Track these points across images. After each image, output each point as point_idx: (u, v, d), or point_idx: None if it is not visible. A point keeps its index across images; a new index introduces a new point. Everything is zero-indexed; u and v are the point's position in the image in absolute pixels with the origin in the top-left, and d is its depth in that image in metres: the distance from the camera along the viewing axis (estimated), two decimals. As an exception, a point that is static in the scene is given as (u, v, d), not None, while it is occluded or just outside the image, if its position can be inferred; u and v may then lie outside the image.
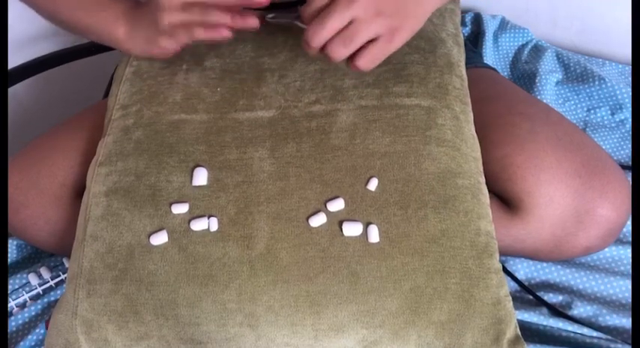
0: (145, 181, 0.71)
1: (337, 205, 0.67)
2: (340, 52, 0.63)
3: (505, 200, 0.78)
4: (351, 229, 0.66)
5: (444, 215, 0.66)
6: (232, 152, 0.71)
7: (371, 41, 0.63)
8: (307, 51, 0.65)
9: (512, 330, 0.65)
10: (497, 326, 0.64)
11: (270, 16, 0.69)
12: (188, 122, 0.74)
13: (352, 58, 0.64)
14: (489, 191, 0.72)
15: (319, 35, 0.62)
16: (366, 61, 0.64)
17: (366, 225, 0.66)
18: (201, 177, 0.70)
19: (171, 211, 0.68)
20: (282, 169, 0.70)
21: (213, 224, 0.67)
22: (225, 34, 0.68)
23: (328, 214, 0.67)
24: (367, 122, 0.71)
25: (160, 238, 0.67)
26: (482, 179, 0.72)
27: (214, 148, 0.72)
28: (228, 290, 0.65)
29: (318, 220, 0.67)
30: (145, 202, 0.69)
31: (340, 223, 0.66)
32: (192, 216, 0.68)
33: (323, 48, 0.63)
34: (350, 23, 0.61)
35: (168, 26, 0.69)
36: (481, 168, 0.72)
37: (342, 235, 0.66)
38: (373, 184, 0.68)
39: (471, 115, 0.76)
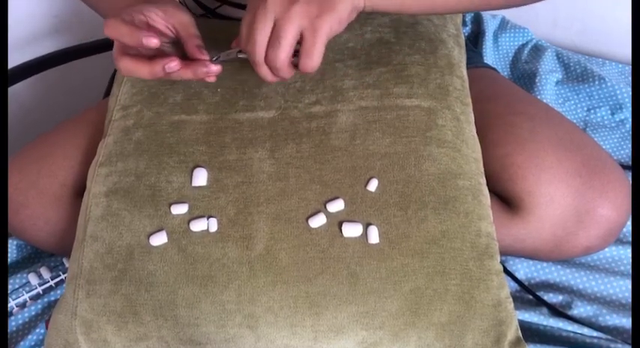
0: (144, 181, 0.71)
1: (337, 206, 0.67)
2: (278, 58, 0.61)
3: (505, 200, 0.78)
4: (351, 230, 0.66)
5: (444, 216, 0.66)
6: (232, 153, 0.71)
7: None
8: (261, 76, 0.64)
9: (513, 331, 0.65)
10: (498, 328, 0.64)
11: (215, 58, 0.68)
12: (188, 123, 0.74)
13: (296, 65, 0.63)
14: (489, 191, 0.72)
15: (253, 48, 0.61)
16: (305, 61, 0.62)
17: (366, 226, 0.66)
18: (200, 177, 0.70)
19: (170, 212, 0.68)
20: (282, 169, 0.70)
21: (213, 225, 0.67)
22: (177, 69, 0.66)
23: (328, 214, 0.67)
24: (367, 123, 0.71)
25: (159, 239, 0.67)
26: (483, 180, 0.72)
27: (214, 148, 0.72)
28: (228, 291, 0.65)
29: (317, 221, 0.67)
30: (145, 203, 0.69)
31: (340, 224, 0.66)
32: (192, 216, 0.68)
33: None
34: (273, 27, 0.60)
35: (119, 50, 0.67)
36: (482, 169, 0.72)
37: (342, 236, 0.66)
38: (373, 185, 0.68)
39: (472, 115, 0.76)
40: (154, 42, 0.62)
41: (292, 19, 0.59)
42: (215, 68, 0.66)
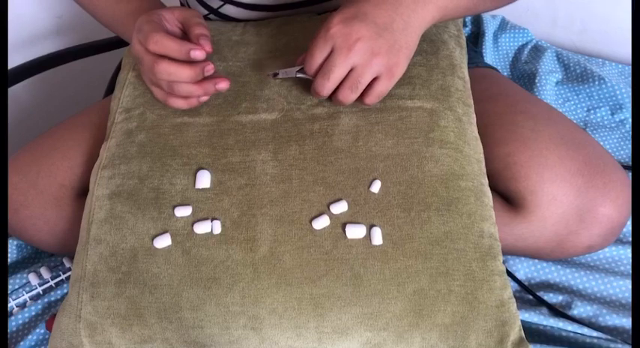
0: (148, 184, 0.71)
1: (340, 208, 0.67)
2: (349, 97, 0.68)
3: (508, 199, 0.78)
4: (355, 232, 0.66)
5: (447, 217, 0.67)
6: (235, 155, 0.71)
7: (375, 78, 0.67)
8: (317, 97, 0.70)
9: (516, 332, 0.65)
10: (501, 328, 0.64)
11: (273, 74, 0.73)
12: (191, 125, 0.74)
13: (361, 96, 0.69)
14: (492, 189, 0.73)
15: (326, 87, 0.66)
16: (374, 99, 0.69)
17: (369, 227, 0.66)
18: (204, 180, 0.70)
19: (174, 214, 0.68)
20: (285, 171, 0.70)
21: (217, 227, 0.67)
22: (196, 103, 0.73)
23: (331, 216, 0.67)
24: (370, 124, 0.71)
25: (163, 241, 0.67)
26: (486, 181, 0.72)
27: (217, 150, 0.72)
28: (232, 293, 0.65)
29: (321, 223, 0.67)
30: (149, 205, 0.69)
31: (343, 226, 0.66)
32: (196, 219, 0.68)
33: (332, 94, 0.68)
34: (352, 70, 0.65)
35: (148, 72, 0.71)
36: (484, 170, 0.73)
37: (346, 237, 0.66)
38: (376, 187, 0.68)
39: (474, 116, 0.76)
40: (200, 54, 0.67)
41: (372, 71, 0.65)
42: (198, 54, 0.67)
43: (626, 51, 1.17)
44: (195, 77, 0.68)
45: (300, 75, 0.71)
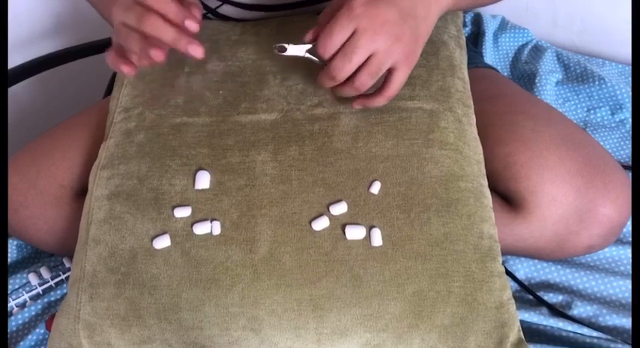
0: (147, 184, 0.71)
1: (340, 209, 0.67)
2: (367, 84, 0.65)
3: (507, 199, 0.78)
4: (354, 233, 0.66)
5: (446, 218, 0.67)
6: (235, 155, 0.71)
7: (389, 69, 0.65)
8: (323, 85, 0.66)
9: (515, 333, 0.65)
10: (501, 329, 0.64)
11: (280, 45, 0.67)
12: (190, 125, 0.74)
13: (378, 91, 0.67)
14: (491, 189, 0.73)
15: (345, 69, 0.63)
16: (394, 91, 0.67)
17: (369, 228, 0.66)
18: (203, 180, 0.70)
19: (173, 215, 0.68)
20: (285, 172, 0.70)
21: (216, 228, 0.67)
22: (160, 58, 0.63)
23: (331, 217, 0.67)
24: (370, 125, 0.71)
25: (162, 242, 0.67)
26: (485, 182, 0.72)
27: (217, 151, 0.72)
28: (231, 294, 0.65)
29: (320, 224, 0.67)
30: (148, 206, 0.69)
31: (343, 227, 0.66)
32: (195, 220, 0.68)
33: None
34: (371, 55, 0.62)
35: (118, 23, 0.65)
36: (483, 171, 0.73)
37: (345, 238, 0.66)
38: (376, 188, 0.68)
39: (473, 117, 0.76)
40: (195, 27, 0.62)
41: (392, 57, 0.63)
42: (194, 26, 0.62)
43: (626, 51, 1.17)
44: (177, 41, 0.62)
45: (308, 55, 0.67)
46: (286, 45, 0.67)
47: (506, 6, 1.21)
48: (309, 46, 0.66)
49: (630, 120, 1.06)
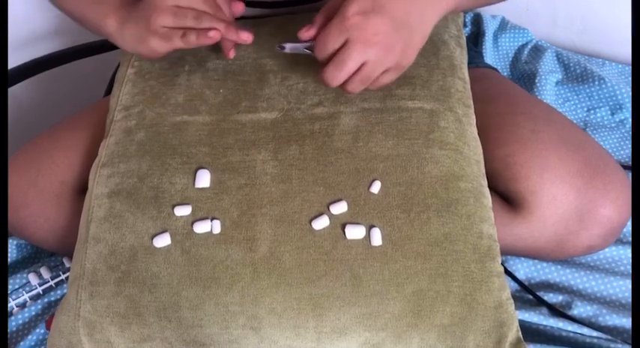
0: (147, 182, 0.71)
1: (340, 208, 0.67)
2: (358, 89, 0.67)
3: (507, 199, 0.78)
4: (354, 232, 0.66)
5: (446, 218, 0.67)
6: (235, 154, 0.71)
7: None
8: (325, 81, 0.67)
9: (513, 333, 0.65)
10: (499, 329, 0.64)
11: (280, 45, 0.71)
12: (191, 124, 0.74)
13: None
14: (491, 190, 0.73)
15: (337, 79, 0.65)
16: (377, 87, 0.68)
17: (369, 228, 0.66)
18: (204, 179, 0.70)
19: (174, 214, 0.68)
20: (285, 171, 0.70)
21: (216, 227, 0.67)
22: (217, 37, 0.69)
23: (331, 216, 0.67)
24: (370, 125, 0.72)
25: (162, 241, 0.67)
26: (485, 182, 0.72)
27: (217, 150, 0.72)
28: (231, 293, 0.65)
29: (320, 223, 0.67)
30: (148, 204, 0.69)
31: (343, 226, 0.66)
32: (195, 218, 0.68)
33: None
34: (364, 64, 0.64)
35: (160, 28, 0.69)
36: (483, 171, 0.73)
37: (345, 238, 0.66)
38: (376, 187, 0.68)
39: (474, 117, 0.76)
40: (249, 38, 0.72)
41: (384, 66, 0.65)
42: (245, 36, 0.71)
43: (626, 51, 1.17)
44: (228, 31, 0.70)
45: (308, 52, 0.69)
46: (285, 44, 0.70)
47: (507, 6, 1.21)
48: (308, 44, 0.68)
49: (630, 120, 1.06)
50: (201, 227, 0.67)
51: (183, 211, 0.68)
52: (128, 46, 0.74)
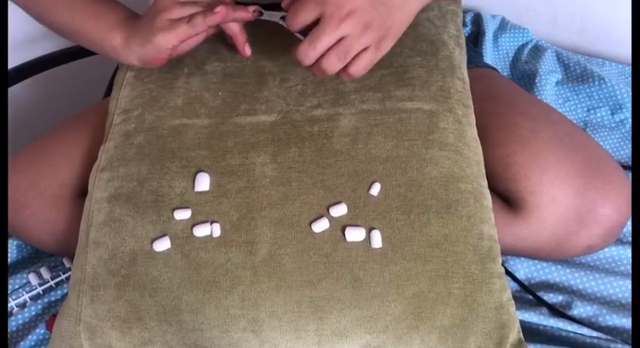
0: (147, 186, 0.71)
1: (340, 211, 0.67)
2: (335, 66, 0.64)
3: (507, 199, 0.78)
4: (354, 235, 0.66)
5: (446, 220, 0.67)
6: (234, 157, 0.71)
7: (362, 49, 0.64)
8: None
9: (515, 334, 0.65)
10: (501, 330, 0.64)
11: (258, 10, 0.70)
12: (190, 127, 0.74)
13: (344, 68, 0.65)
14: (491, 190, 0.73)
15: (310, 55, 0.63)
16: (359, 69, 0.65)
17: (369, 230, 0.66)
18: (203, 182, 0.70)
19: (173, 217, 0.68)
20: (285, 174, 0.70)
21: (216, 230, 0.67)
22: (223, 13, 0.68)
23: (331, 219, 0.67)
24: (369, 126, 0.71)
25: (162, 245, 0.67)
26: (485, 183, 0.72)
27: (216, 153, 0.72)
28: (232, 296, 0.65)
29: (320, 226, 0.67)
30: (148, 208, 0.69)
31: (343, 229, 0.66)
32: (195, 222, 0.68)
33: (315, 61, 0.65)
34: (341, 39, 0.62)
35: (165, 21, 0.69)
36: (483, 171, 0.73)
37: (345, 240, 0.66)
38: (376, 189, 0.68)
39: (473, 118, 0.76)
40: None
41: (362, 42, 0.63)
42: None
43: (626, 51, 1.17)
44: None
45: (282, 22, 0.67)
46: (263, 10, 0.70)
47: (506, 6, 1.21)
48: (284, 14, 0.66)
49: (630, 120, 1.06)
50: (201, 231, 0.67)
51: (182, 214, 0.68)
52: (134, 56, 0.74)
